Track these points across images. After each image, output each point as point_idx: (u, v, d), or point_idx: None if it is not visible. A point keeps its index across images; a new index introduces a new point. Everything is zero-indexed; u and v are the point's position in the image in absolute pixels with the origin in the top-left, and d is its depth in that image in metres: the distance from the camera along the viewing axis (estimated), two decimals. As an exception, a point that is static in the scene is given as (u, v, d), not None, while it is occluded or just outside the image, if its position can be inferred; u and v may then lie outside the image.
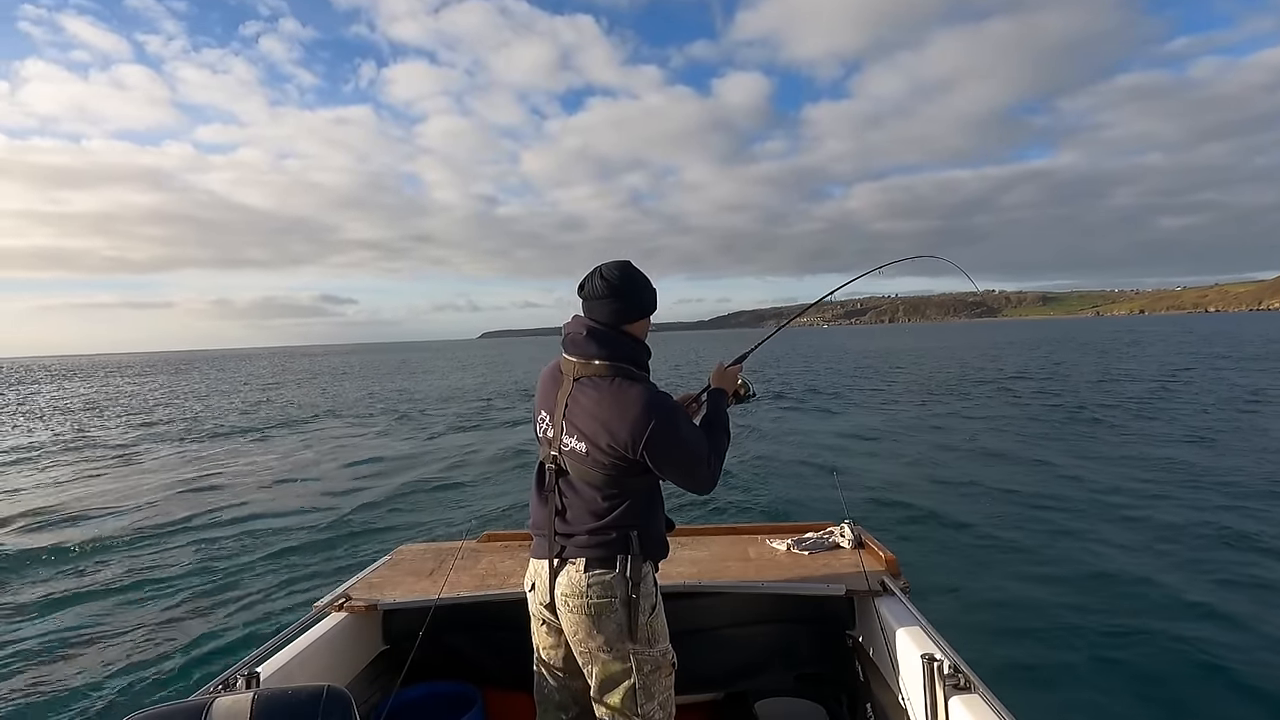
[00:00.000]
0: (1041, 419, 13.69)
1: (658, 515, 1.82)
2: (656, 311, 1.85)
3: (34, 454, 13.94)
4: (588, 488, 1.71)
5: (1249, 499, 7.17)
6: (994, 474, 8.99)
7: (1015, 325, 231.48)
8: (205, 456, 12.82)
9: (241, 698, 1.08)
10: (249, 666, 1.81)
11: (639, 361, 1.76)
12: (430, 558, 2.77)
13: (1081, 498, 7.57)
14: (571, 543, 1.73)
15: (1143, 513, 6.87)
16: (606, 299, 1.73)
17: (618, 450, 1.63)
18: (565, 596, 1.72)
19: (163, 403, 27.06)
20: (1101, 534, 6.26)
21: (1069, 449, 10.48)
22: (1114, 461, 9.40)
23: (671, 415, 1.65)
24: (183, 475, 10.99)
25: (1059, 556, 5.71)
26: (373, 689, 2.39)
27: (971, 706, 1.60)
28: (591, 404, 1.67)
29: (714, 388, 2.03)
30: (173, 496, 9.41)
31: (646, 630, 1.73)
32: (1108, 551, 5.77)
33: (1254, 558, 5.51)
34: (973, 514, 7.12)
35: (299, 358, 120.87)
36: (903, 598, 2.22)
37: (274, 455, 12.78)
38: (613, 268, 1.76)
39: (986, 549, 6.00)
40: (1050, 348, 46.27)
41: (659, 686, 1.77)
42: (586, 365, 1.71)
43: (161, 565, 6.25)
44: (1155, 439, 11.06)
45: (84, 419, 21.17)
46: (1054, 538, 6.23)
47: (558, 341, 1.84)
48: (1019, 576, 5.31)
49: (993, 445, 11.16)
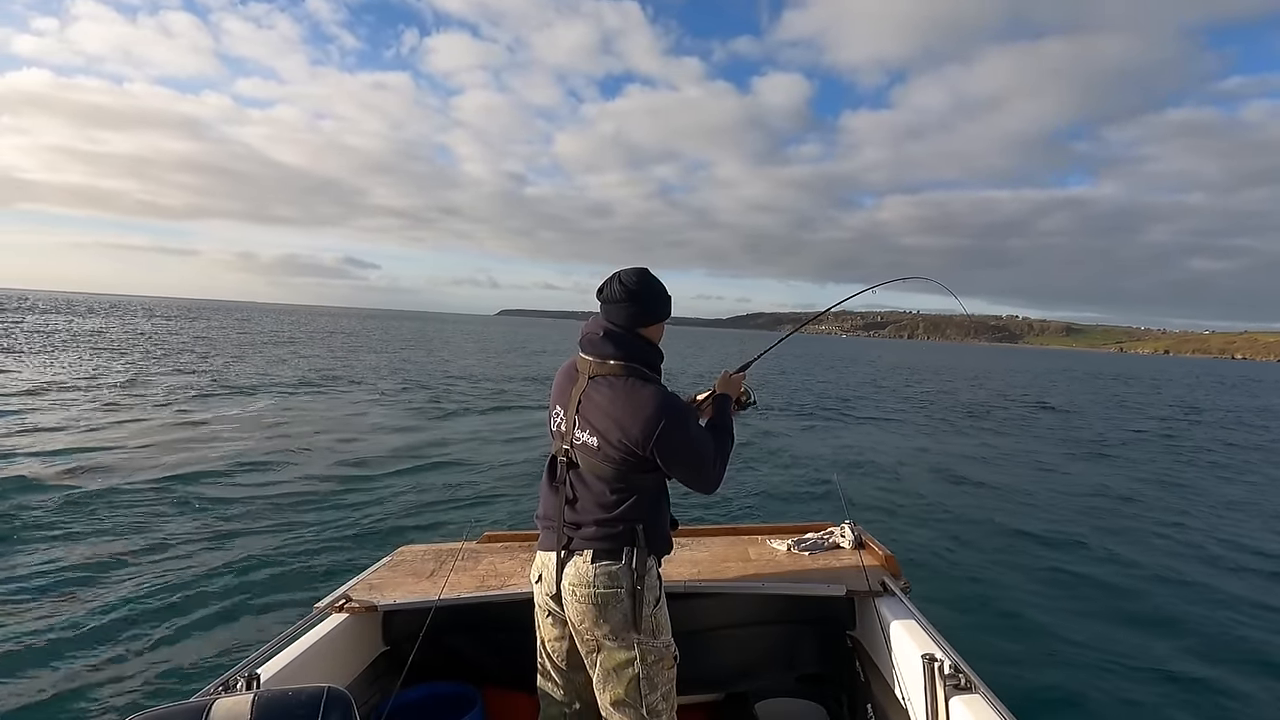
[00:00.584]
0: (1048, 437, 13.73)
1: (664, 512, 1.87)
2: (672, 309, 1.93)
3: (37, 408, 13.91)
4: (597, 481, 1.77)
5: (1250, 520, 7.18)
6: (994, 475, 8.99)
7: (1038, 354, 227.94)
8: (203, 440, 12.81)
9: (242, 699, 1.08)
10: (249, 668, 1.81)
11: (652, 364, 1.84)
12: (430, 558, 2.77)
13: (1082, 500, 7.57)
14: (579, 535, 1.78)
15: (1145, 523, 6.88)
16: (624, 303, 1.81)
17: (628, 446, 1.70)
18: (573, 586, 1.77)
19: (179, 352, 26.65)
20: (1102, 534, 6.27)
21: (1075, 461, 10.50)
22: (1118, 475, 9.41)
23: (681, 416, 1.74)
24: (180, 471, 10.97)
25: (1059, 557, 5.71)
26: (373, 690, 2.39)
27: (972, 706, 1.60)
28: (605, 401, 1.74)
29: (720, 393, 2.10)
30: (172, 496, 9.40)
31: (651, 622, 1.78)
32: (1108, 553, 5.78)
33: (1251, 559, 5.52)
34: (973, 515, 7.12)
35: (319, 317, 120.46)
36: (903, 598, 2.22)
37: (275, 449, 12.77)
38: (631, 274, 1.84)
39: (987, 549, 6.00)
40: (1076, 378, 44.93)
41: (662, 678, 1.81)
42: (602, 365, 1.79)
43: (161, 565, 6.25)
44: (1174, 464, 11.02)
45: (87, 364, 20.97)
46: (1055, 538, 6.24)
47: (574, 325, 1.90)
48: (1019, 576, 5.31)
49: (994, 451, 11.17)
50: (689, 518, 2.30)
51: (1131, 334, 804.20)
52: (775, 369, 35.49)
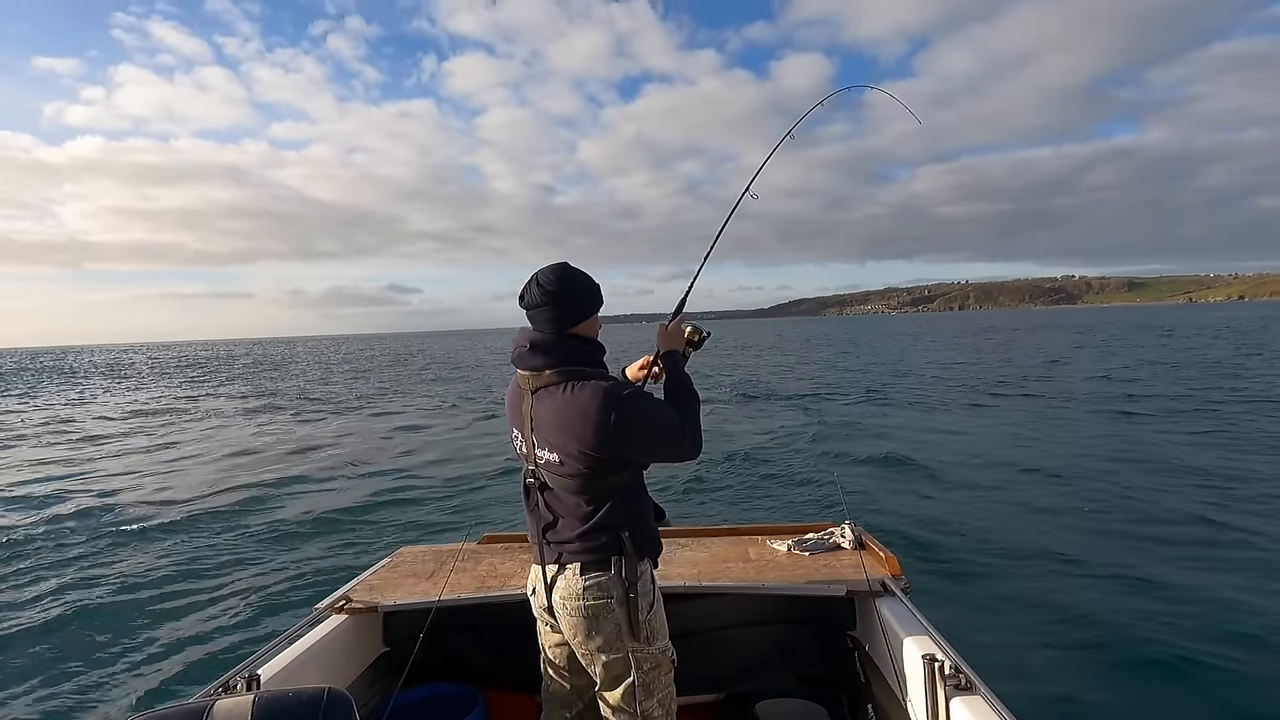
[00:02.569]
0: (1058, 414, 13.56)
1: (646, 511, 1.82)
2: (602, 297, 1.81)
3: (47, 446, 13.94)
4: (569, 496, 1.72)
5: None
6: (995, 476, 8.99)
7: (1101, 312, 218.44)
8: (206, 451, 12.82)
9: (242, 700, 1.08)
10: (249, 668, 1.81)
11: (591, 360, 1.75)
12: (430, 559, 2.77)
13: (1083, 498, 7.56)
14: (566, 549, 1.74)
15: (1156, 516, 6.86)
16: (545, 308, 1.71)
17: (589, 454, 1.64)
18: (563, 600, 1.74)
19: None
20: (1104, 535, 6.26)
21: (1089, 449, 10.44)
22: (1131, 463, 9.38)
23: (628, 401, 1.64)
24: (183, 475, 10.98)
25: (1060, 557, 5.70)
26: (373, 691, 2.39)
27: (973, 707, 1.60)
28: (551, 414, 1.68)
29: (663, 352, 1.97)
30: (170, 495, 9.40)
31: (646, 628, 1.75)
32: (1111, 552, 5.76)
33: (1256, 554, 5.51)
34: (973, 515, 7.11)
35: (368, 343, 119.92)
36: (903, 598, 2.22)
37: (278, 453, 12.77)
38: (549, 273, 1.73)
39: (987, 549, 5.99)
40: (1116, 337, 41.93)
41: (658, 684, 1.79)
42: (538, 377, 1.72)
43: (161, 566, 6.25)
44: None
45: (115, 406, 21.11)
46: (1055, 538, 6.23)
47: (612, 328, 1.82)
48: (1020, 576, 5.30)
49: (996, 448, 11.16)
50: (689, 518, 2.30)
51: (1200, 282, 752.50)
52: (801, 356, 34.35)
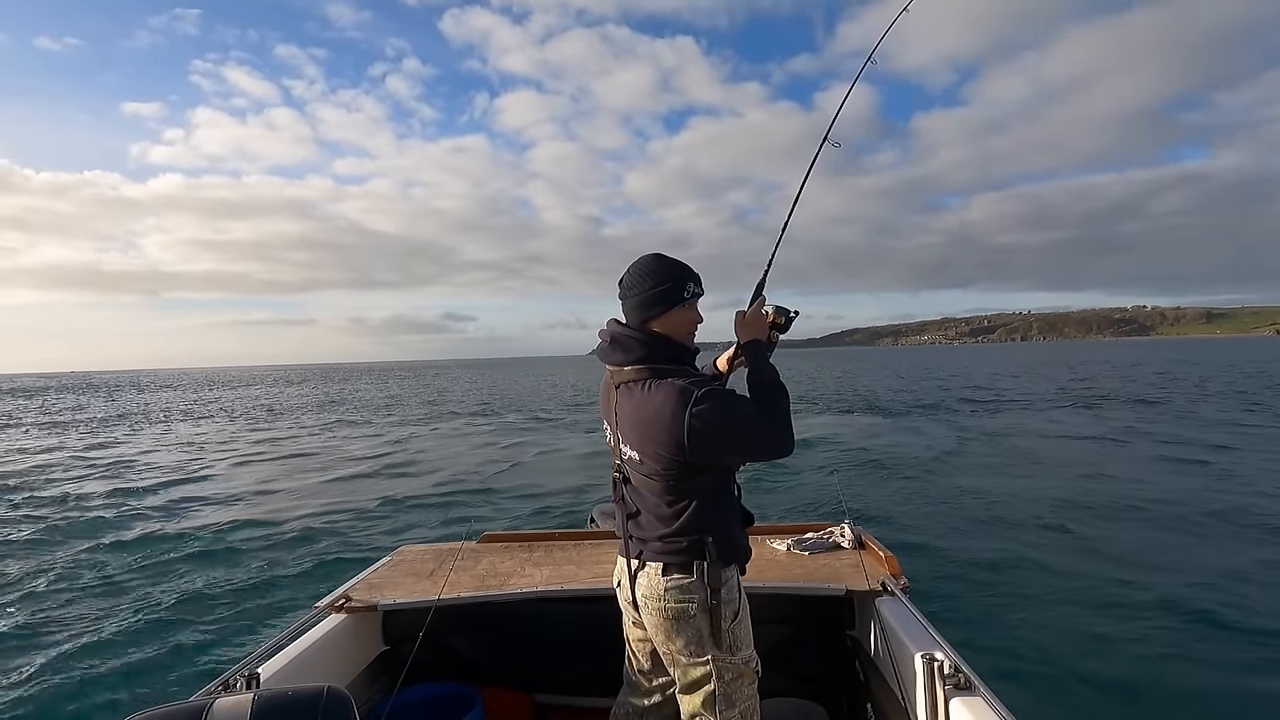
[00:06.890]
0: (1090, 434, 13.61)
1: (732, 516, 1.73)
2: (689, 288, 1.68)
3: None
4: (650, 495, 1.66)
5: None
6: (994, 477, 8.99)
7: (1172, 344, 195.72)
8: (221, 457, 12.83)
9: (242, 699, 1.08)
10: (249, 667, 1.81)
11: (674, 358, 1.67)
12: (430, 558, 2.77)
13: (1084, 498, 7.56)
14: (647, 547, 1.69)
15: (1151, 514, 6.86)
16: (628, 298, 1.69)
17: (665, 455, 1.57)
18: (645, 598, 1.70)
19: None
20: (1105, 535, 6.26)
21: (1091, 457, 10.46)
22: (1129, 464, 9.39)
23: (706, 401, 1.53)
24: (187, 475, 10.98)
25: (1061, 557, 5.70)
26: (372, 690, 2.39)
27: (972, 707, 1.59)
28: (632, 411, 1.63)
29: (745, 342, 1.80)
30: (169, 495, 9.40)
31: (729, 637, 1.68)
32: (1111, 553, 5.76)
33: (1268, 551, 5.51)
34: (973, 515, 7.11)
35: (427, 370, 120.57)
36: (903, 598, 2.21)
37: (280, 458, 12.79)
38: (638, 261, 1.69)
39: (987, 549, 5.99)
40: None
41: (741, 695, 1.72)
42: (620, 372, 1.68)
43: (161, 566, 6.25)
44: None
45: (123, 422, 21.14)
46: (1056, 538, 6.23)
47: None
48: (1020, 576, 5.31)
49: (997, 450, 11.16)
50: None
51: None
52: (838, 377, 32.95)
